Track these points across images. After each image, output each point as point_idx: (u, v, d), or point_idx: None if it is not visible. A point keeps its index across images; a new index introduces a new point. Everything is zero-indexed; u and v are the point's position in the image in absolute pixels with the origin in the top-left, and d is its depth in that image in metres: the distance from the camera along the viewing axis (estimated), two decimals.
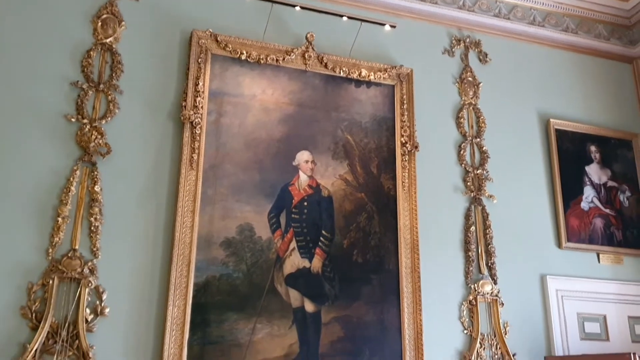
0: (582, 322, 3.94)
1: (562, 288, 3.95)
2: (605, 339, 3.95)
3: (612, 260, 4.15)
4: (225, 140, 3.51)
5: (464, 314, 3.70)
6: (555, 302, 3.90)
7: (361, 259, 3.59)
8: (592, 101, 4.55)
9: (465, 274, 3.79)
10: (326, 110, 3.79)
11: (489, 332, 3.70)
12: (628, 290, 4.09)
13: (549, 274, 3.96)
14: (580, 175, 4.27)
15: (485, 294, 3.75)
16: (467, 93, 4.20)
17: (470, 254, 3.83)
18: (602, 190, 4.29)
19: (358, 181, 3.74)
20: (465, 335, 3.67)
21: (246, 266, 3.32)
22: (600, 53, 4.70)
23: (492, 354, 3.65)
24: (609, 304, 4.03)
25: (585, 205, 4.20)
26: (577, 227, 4.13)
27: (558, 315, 3.88)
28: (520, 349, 3.71)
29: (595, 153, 4.36)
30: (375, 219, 3.70)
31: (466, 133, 4.11)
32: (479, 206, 3.96)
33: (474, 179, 4.01)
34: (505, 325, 3.73)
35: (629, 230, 4.25)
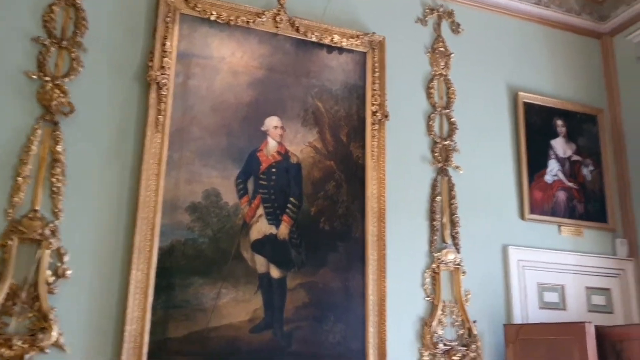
0: (542, 291, 4.05)
1: (524, 258, 4.04)
2: (563, 308, 4.08)
3: (573, 232, 4.26)
4: (193, 103, 3.44)
5: (427, 282, 3.77)
6: (516, 272, 4.00)
7: (328, 227, 3.61)
8: (560, 75, 4.60)
9: (430, 243, 3.85)
10: (296, 75, 3.74)
11: (451, 300, 3.78)
12: (586, 262, 4.21)
13: (511, 244, 4.04)
14: (546, 148, 4.34)
15: (448, 262, 3.82)
16: (439, 63, 4.19)
17: (435, 224, 3.88)
18: (567, 163, 4.37)
19: (327, 149, 3.73)
20: (427, 302, 3.74)
21: (212, 231, 3.29)
22: (571, 27, 4.73)
23: (452, 321, 3.74)
24: (568, 275, 4.14)
25: (549, 178, 4.28)
26: (540, 200, 4.21)
27: (518, 284, 3.98)
28: (481, 316, 3.80)
29: (562, 127, 4.42)
30: (344, 187, 3.70)
31: (436, 104, 4.11)
32: (446, 177, 3.99)
33: (442, 150, 4.03)
34: (467, 293, 3.81)
35: (590, 203, 4.36)
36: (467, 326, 3.75)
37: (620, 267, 4.29)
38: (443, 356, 3.65)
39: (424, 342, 3.64)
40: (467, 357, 3.69)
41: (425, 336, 3.64)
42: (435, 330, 3.66)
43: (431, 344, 3.63)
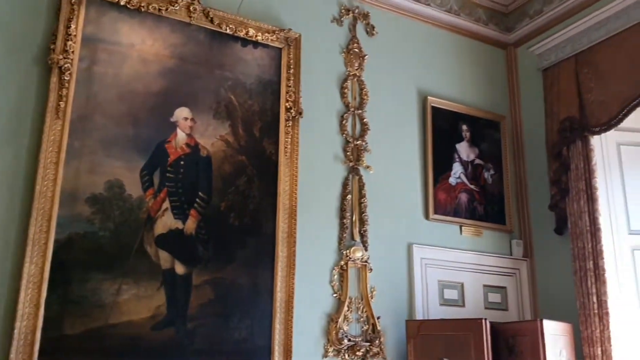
0: (442, 288, 4.22)
1: (427, 257, 4.19)
2: (462, 305, 4.26)
3: (473, 232, 4.46)
4: (98, 90, 3.28)
5: (335, 279, 3.82)
6: (419, 269, 4.14)
7: (238, 222, 3.56)
8: (467, 82, 4.80)
9: (339, 240, 3.90)
10: (210, 67, 3.66)
11: (357, 296, 3.85)
12: (485, 261, 4.42)
13: (415, 243, 4.18)
14: (451, 152, 4.52)
15: (356, 259, 3.89)
16: (353, 64, 4.25)
17: (345, 221, 3.94)
18: (469, 167, 4.57)
19: (239, 143, 3.68)
20: (335, 298, 3.79)
21: (114, 224, 3.16)
22: (479, 37, 4.95)
23: (358, 317, 3.82)
24: (467, 273, 4.34)
25: (453, 180, 4.46)
26: (444, 201, 4.38)
27: (421, 282, 4.12)
28: (385, 312, 3.90)
29: (466, 132, 4.62)
30: (255, 182, 3.67)
31: (349, 104, 4.17)
32: (357, 176, 4.06)
33: (354, 150, 4.10)
34: (372, 290, 3.90)
35: (490, 205, 4.58)
36: (372, 322, 3.83)
37: (515, 266, 4.54)
38: (347, 352, 3.71)
39: (329, 338, 3.69)
40: (370, 352, 3.77)
41: (331, 332, 3.69)
42: (340, 327, 3.72)
43: (336, 340, 3.68)
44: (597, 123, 4.12)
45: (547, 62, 4.58)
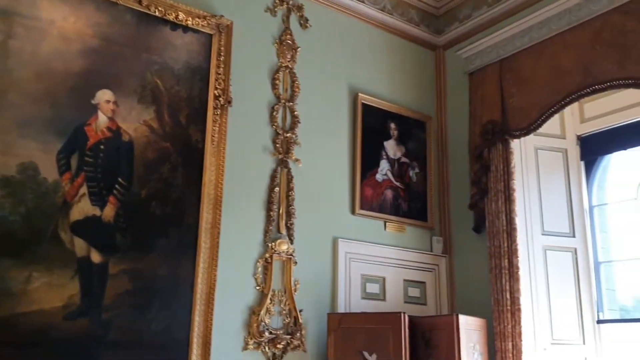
0: (365, 282, 4.28)
1: (351, 251, 4.24)
2: (383, 299, 4.35)
3: (397, 228, 4.56)
4: (13, 66, 3.09)
5: (259, 271, 3.79)
6: (343, 263, 4.18)
7: (160, 211, 3.47)
8: (397, 81, 4.88)
9: (265, 233, 3.87)
10: (136, 49, 3.53)
11: (280, 289, 3.84)
12: (406, 256, 4.53)
13: (341, 237, 4.22)
14: (379, 149, 4.58)
15: (281, 252, 3.88)
16: (285, 55, 4.22)
17: (272, 214, 3.92)
18: (396, 164, 4.65)
19: (164, 129, 3.58)
20: (257, 291, 3.76)
21: (26, 209, 2.99)
22: (410, 37, 5.04)
23: (280, 310, 3.81)
24: (389, 268, 4.42)
25: (380, 177, 4.53)
26: (370, 197, 4.44)
27: (345, 275, 4.17)
28: (307, 305, 3.92)
29: (394, 130, 4.70)
30: (180, 171, 3.58)
31: (280, 95, 4.14)
32: (285, 168, 4.05)
33: (283, 142, 4.08)
34: (296, 283, 3.90)
35: (413, 202, 4.69)
36: (294, 315, 3.84)
37: (435, 262, 4.68)
38: (268, 344, 3.70)
39: (250, 330, 3.66)
40: (291, 345, 3.78)
41: (252, 325, 3.66)
42: (262, 319, 3.70)
43: (257, 333, 3.66)
44: (517, 127, 4.29)
45: (473, 66, 4.73)
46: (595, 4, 3.95)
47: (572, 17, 4.08)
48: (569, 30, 4.10)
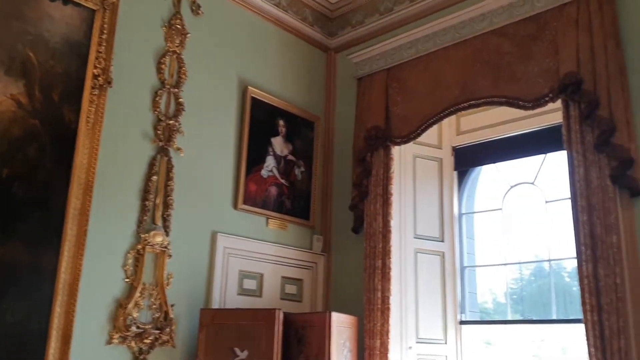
0: (242, 278, 4.24)
1: (230, 246, 4.18)
2: (259, 295, 4.33)
3: (279, 225, 4.56)
4: None
5: (129, 263, 3.62)
6: (221, 258, 4.11)
7: (22, 193, 3.21)
8: (288, 79, 4.90)
9: (139, 223, 3.71)
10: (6, 18, 3.24)
11: (152, 282, 3.70)
12: (286, 254, 4.55)
13: (220, 231, 4.14)
14: (266, 145, 4.56)
15: (155, 244, 3.73)
16: (174, 40, 4.07)
17: (148, 204, 3.76)
18: (282, 162, 4.66)
19: (34, 106, 3.31)
20: (126, 283, 3.59)
21: None
22: (304, 36, 5.07)
23: (150, 304, 3.66)
24: (268, 264, 4.42)
25: (265, 173, 4.51)
26: (254, 192, 4.41)
27: (221, 271, 4.10)
28: (180, 300, 3.81)
29: (282, 127, 4.70)
30: (48, 151, 3.33)
31: (165, 80, 3.99)
32: (165, 157, 3.90)
33: (165, 129, 3.93)
34: (169, 277, 3.77)
35: (297, 201, 4.72)
36: (165, 309, 3.71)
37: (313, 260, 4.74)
38: (134, 339, 3.54)
39: (115, 324, 3.48)
40: (159, 340, 3.65)
41: (118, 318, 3.49)
42: (130, 313, 3.54)
43: (123, 327, 3.49)
44: (398, 135, 4.46)
45: (362, 71, 4.86)
46: (478, 24, 4.21)
47: (456, 34, 4.31)
48: (453, 46, 4.33)
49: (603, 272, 3.31)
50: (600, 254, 3.34)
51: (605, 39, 3.54)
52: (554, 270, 4.55)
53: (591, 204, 3.43)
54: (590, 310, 3.31)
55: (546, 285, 4.56)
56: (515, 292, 5.40)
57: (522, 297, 5.86)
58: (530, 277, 7.55)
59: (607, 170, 3.42)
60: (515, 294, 5.49)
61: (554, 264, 4.56)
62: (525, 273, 7.46)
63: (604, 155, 3.43)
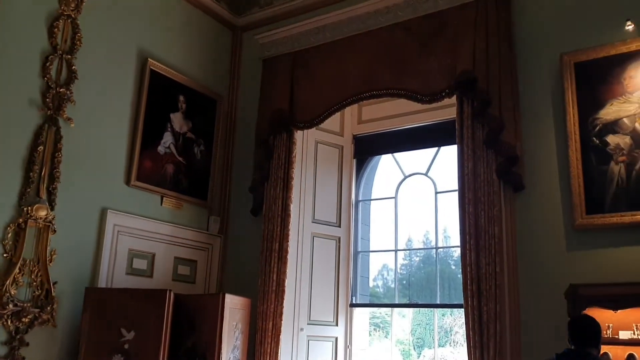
0: (132, 258, 4.09)
1: (121, 224, 4.01)
2: (150, 276, 4.20)
3: (174, 204, 4.43)
4: None
5: (9, 237, 3.38)
6: (110, 236, 3.94)
7: None
8: (192, 54, 4.75)
9: (21, 195, 3.47)
10: None
11: (33, 258, 3.47)
12: (180, 234, 4.44)
13: (111, 208, 3.96)
14: (164, 120, 4.41)
15: (39, 218, 3.50)
16: (69, 4, 3.81)
17: (32, 175, 3.52)
18: (181, 139, 4.52)
19: None
20: (5, 258, 3.35)
21: None
22: (210, 12, 4.93)
23: (30, 281, 3.45)
24: (161, 244, 4.29)
25: (162, 149, 4.36)
26: (149, 169, 4.24)
27: (110, 249, 3.93)
28: (64, 278, 3.61)
29: (183, 103, 4.56)
30: None
31: (58, 46, 3.73)
32: (54, 127, 3.66)
33: (55, 97, 3.69)
34: (53, 253, 3.57)
35: (195, 180, 4.60)
36: (46, 287, 3.51)
37: (209, 241, 4.67)
38: (11, 318, 3.32)
39: None
40: (39, 319, 3.44)
41: None
42: (7, 290, 3.31)
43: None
44: (302, 119, 4.48)
45: (268, 53, 4.81)
46: (383, 16, 4.30)
47: (362, 25, 4.38)
48: (358, 36, 4.40)
49: (484, 261, 3.53)
50: (483, 243, 3.56)
51: (500, 41, 3.75)
52: (441, 258, 4.80)
53: (477, 196, 3.64)
54: (471, 296, 3.52)
55: (433, 272, 4.80)
56: (404, 277, 5.65)
57: (411, 283, 6.15)
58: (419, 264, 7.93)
59: (494, 165, 3.64)
60: (405, 280, 5.74)
61: (441, 252, 4.81)
62: (415, 260, 7.83)
63: (492, 151, 3.65)
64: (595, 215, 3.33)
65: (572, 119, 3.48)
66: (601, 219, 3.31)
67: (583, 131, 3.44)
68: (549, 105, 3.65)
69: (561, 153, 3.53)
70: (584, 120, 3.46)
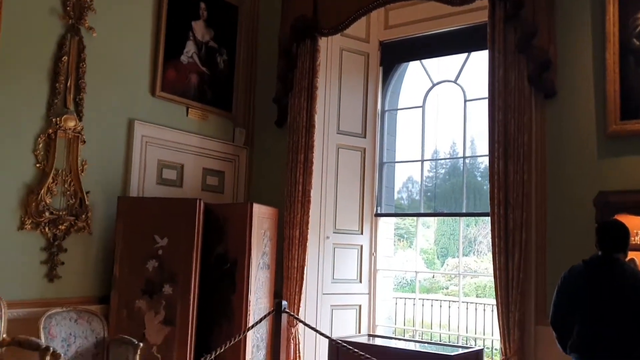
0: (162, 168, 4.15)
1: (149, 135, 4.04)
2: (180, 186, 4.28)
3: (199, 116, 4.43)
4: None
5: (40, 147, 3.44)
6: (139, 147, 3.98)
7: None
8: None
9: (49, 106, 3.49)
10: None
11: (65, 168, 3.55)
12: (208, 145, 4.47)
13: (138, 119, 3.98)
14: (186, 29, 4.32)
15: (68, 129, 3.55)
16: None
17: (58, 86, 3.53)
18: (203, 48, 4.44)
19: None
20: (38, 169, 3.43)
21: None
22: None
23: (64, 190, 3.54)
24: (189, 155, 4.34)
25: (185, 59, 4.30)
26: (173, 79, 4.21)
27: (140, 160, 3.99)
28: (95, 187, 3.70)
29: (204, 10, 4.44)
30: None
31: None
32: (77, 36, 3.63)
33: (76, 6, 3.63)
34: (84, 164, 3.63)
35: (219, 90, 4.56)
36: (80, 196, 3.61)
37: (235, 153, 4.69)
38: (48, 225, 3.44)
39: (28, 210, 3.36)
40: (75, 226, 3.57)
41: (30, 204, 3.36)
42: (42, 199, 3.41)
43: (36, 213, 3.37)
44: (326, 25, 4.34)
45: None
46: None
47: None
48: None
49: (513, 169, 3.50)
50: (512, 152, 3.52)
51: None
52: (468, 170, 4.77)
53: (507, 103, 3.55)
54: (497, 204, 3.52)
55: (459, 184, 4.79)
56: (430, 189, 5.66)
57: (436, 195, 6.17)
58: (445, 176, 7.93)
59: (525, 71, 3.52)
60: (430, 192, 5.76)
61: (468, 163, 4.78)
62: (440, 172, 7.82)
63: (524, 57, 3.52)
64: (630, 121, 3.23)
65: (612, 19, 3.30)
66: (636, 124, 3.21)
67: (622, 32, 3.27)
68: (586, 6, 3.46)
69: (597, 56, 3.38)
70: (624, 20, 3.28)
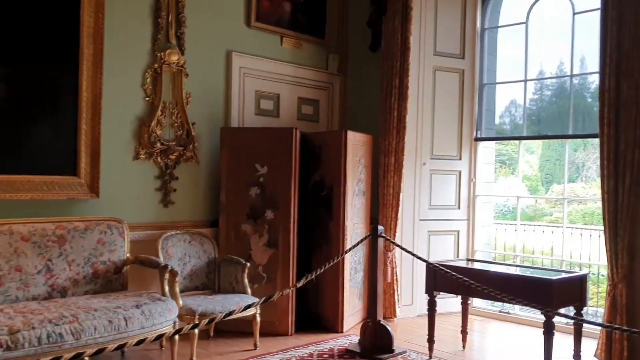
0: (259, 99, 4.26)
1: (245, 66, 4.14)
2: (276, 116, 4.39)
3: (293, 44, 4.46)
4: None
5: (148, 82, 3.64)
6: (237, 78, 4.10)
7: (32, 13, 3.14)
8: None
9: (153, 41, 3.66)
10: None
11: (171, 101, 3.74)
12: (302, 74, 4.51)
13: (235, 50, 4.07)
14: None
15: (172, 63, 3.71)
16: None
17: (160, 21, 3.67)
18: None
19: None
20: (147, 102, 3.65)
21: None
22: None
23: (172, 122, 3.75)
24: (284, 85, 4.41)
25: None
26: (267, 9, 4.24)
27: (238, 90, 4.11)
28: (199, 118, 3.88)
29: None
30: None
31: None
32: None
33: None
34: (188, 96, 3.81)
35: (311, 17, 4.53)
36: (186, 127, 3.80)
37: (329, 80, 4.71)
38: (160, 155, 3.69)
39: (141, 141, 3.61)
40: (184, 156, 3.80)
41: (143, 135, 3.60)
42: (153, 130, 3.64)
43: (148, 144, 3.62)
44: None
45: None
46: None
47: None
48: None
49: (626, 85, 3.25)
50: (625, 68, 3.26)
51: None
52: (576, 90, 4.47)
53: (622, 15, 3.27)
54: (607, 124, 3.32)
55: (566, 106, 4.51)
56: (534, 113, 5.39)
57: (540, 119, 5.86)
58: (550, 98, 7.48)
59: None
60: (534, 115, 5.49)
61: (576, 83, 4.48)
62: (546, 94, 7.38)
63: None
64: None
65: None
66: None
67: None
68: None
69: None
70: None
